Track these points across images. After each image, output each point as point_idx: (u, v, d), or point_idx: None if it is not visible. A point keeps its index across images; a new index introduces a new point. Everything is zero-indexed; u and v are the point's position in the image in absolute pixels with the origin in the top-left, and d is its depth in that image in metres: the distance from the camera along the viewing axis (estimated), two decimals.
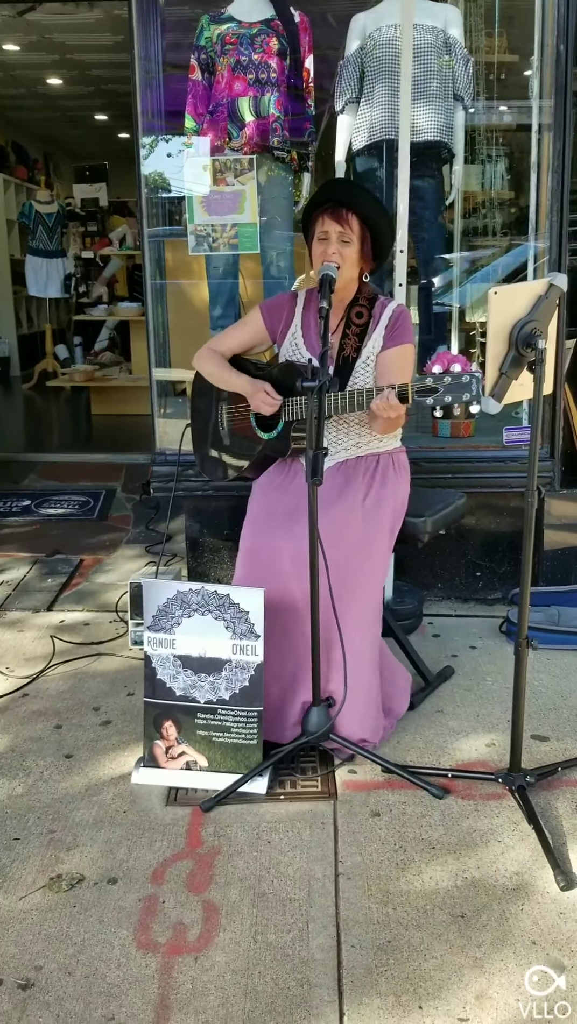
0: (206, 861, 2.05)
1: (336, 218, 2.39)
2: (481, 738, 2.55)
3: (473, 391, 2.10)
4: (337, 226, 2.39)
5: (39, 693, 2.84)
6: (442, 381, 2.13)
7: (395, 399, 2.23)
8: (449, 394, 2.13)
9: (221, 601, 2.30)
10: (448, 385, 2.12)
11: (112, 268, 8.66)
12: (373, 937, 1.83)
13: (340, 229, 2.39)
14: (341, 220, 2.38)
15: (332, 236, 2.40)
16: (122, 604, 3.40)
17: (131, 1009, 1.66)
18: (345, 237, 2.40)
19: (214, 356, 2.67)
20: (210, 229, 3.47)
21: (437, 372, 2.15)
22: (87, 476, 5.10)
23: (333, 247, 2.39)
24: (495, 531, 3.47)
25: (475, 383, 2.09)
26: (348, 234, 2.39)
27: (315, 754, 2.45)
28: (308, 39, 3.64)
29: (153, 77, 3.59)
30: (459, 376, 2.12)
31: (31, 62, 7.55)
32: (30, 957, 1.78)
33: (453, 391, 2.12)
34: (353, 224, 2.39)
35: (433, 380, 2.14)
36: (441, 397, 2.14)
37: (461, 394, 2.12)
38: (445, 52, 3.70)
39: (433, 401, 2.15)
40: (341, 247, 2.40)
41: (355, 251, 2.42)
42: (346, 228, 2.39)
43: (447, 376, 2.13)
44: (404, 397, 2.23)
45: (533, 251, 3.67)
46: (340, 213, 2.38)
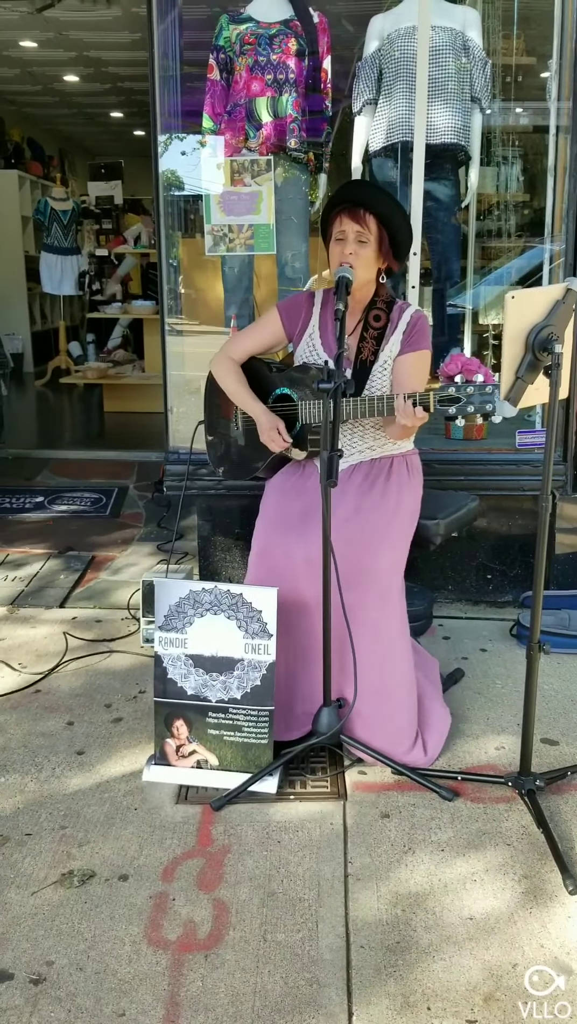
0: (216, 860, 2.06)
1: (353, 218, 2.39)
2: (491, 741, 2.55)
3: (495, 401, 2.09)
4: (355, 226, 2.39)
5: (51, 689, 2.85)
6: (465, 391, 2.12)
7: (421, 411, 2.22)
8: (471, 404, 2.12)
9: (234, 600, 2.31)
10: (471, 396, 2.11)
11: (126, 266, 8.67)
12: (382, 938, 1.84)
13: (358, 228, 2.39)
14: (358, 220, 2.38)
15: (349, 236, 2.40)
16: (134, 602, 3.42)
17: (142, 1005, 1.67)
18: (362, 237, 2.40)
19: (233, 369, 2.66)
20: (227, 229, 3.48)
21: (460, 381, 2.13)
22: (99, 473, 5.11)
23: (350, 247, 2.40)
24: (506, 534, 3.47)
25: (497, 393, 2.09)
26: (365, 234, 2.40)
27: (325, 754, 2.46)
28: (326, 40, 3.64)
29: (171, 75, 3.61)
30: (482, 386, 2.10)
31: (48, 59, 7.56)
32: (42, 952, 1.80)
33: (475, 401, 2.11)
34: (370, 224, 2.40)
35: (456, 390, 2.13)
36: (464, 407, 2.12)
37: (484, 404, 2.11)
38: (463, 54, 3.70)
39: (455, 411, 2.14)
40: (358, 247, 2.40)
41: (372, 251, 2.42)
42: (364, 228, 2.39)
43: (470, 386, 2.11)
44: (426, 406, 2.22)
45: (548, 253, 3.67)
46: (357, 213, 2.39)
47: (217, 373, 2.72)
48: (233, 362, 2.68)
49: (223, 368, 2.69)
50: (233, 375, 2.66)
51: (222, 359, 2.70)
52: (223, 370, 2.69)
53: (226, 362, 2.68)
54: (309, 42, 3.58)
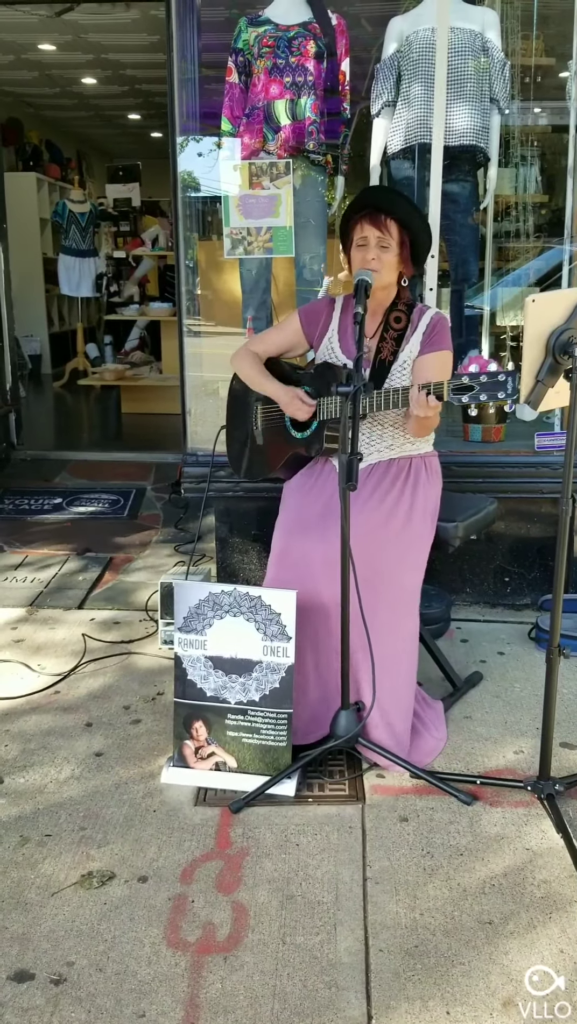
0: (235, 862, 2.07)
1: (375, 224, 2.39)
2: (510, 745, 2.55)
3: (508, 389, 2.10)
4: (376, 231, 2.40)
5: (70, 691, 2.87)
6: (478, 380, 2.14)
7: (434, 400, 2.24)
8: (485, 392, 2.13)
9: (253, 603, 2.32)
10: (484, 384, 2.13)
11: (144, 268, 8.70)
12: (401, 942, 1.83)
13: (379, 234, 2.40)
14: (380, 225, 2.39)
15: (371, 242, 2.41)
16: (152, 603, 3.43)
17: (161, 1007, 1.68)
18: (384, 242, 2.40)
19: (251, 358, 2.70)
20: (245, 232, 3.49)
21: (474, 371, 2.15)
22: (117, 475, 5.13)
23: (372, 252, 2.41)
24: (525, 537, 3.46)
25: (511, 381, 2.10)
26: (387, 239, 2.40)
27: (343, 757, 2.46)
28: (345, 42, 3.64)
29: (189, 78, 3.62)
30: (495, 375, 2.12)
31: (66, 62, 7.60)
32: (62, 953, 1.81)
33: (489, 389, 2.13)
34: (392, 229, 2.40)
35: (469, 379, 2.15)
36: (477, 395, 2.14)
37: (497, 392, 2.12)
38: (481, 55, 3.69)
39: (468, 399, 2.15)
40: (380, 252, 2.41)
41: (394, 256, 2.43)
42: (385, 233, 2.40)
43: (483, 375, 2.13)
44: (440, 395, 2.24)
45: (568, 254, 3.65)
46: (379, 219, 2.39)
47: (235, 362, 2.76)
48: (252, 353, 2.72)
49: (241, 357, 2.73)
50: (250, 362, 2.70)
51: (241, 351, 2.75)
52: (241, 358, 2.73)
53: (245, 352, 2.74)
54: (327, 44, 3.58)
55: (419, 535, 2.49)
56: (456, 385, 2.18)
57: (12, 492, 4.82)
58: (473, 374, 2.15)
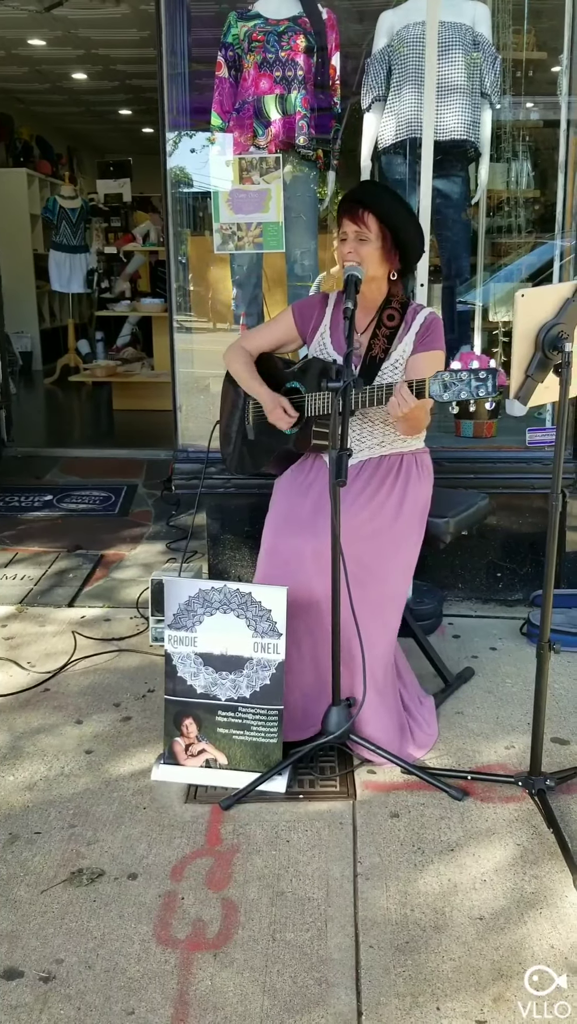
0: (225, 859, 2.06)
1: (353, 218, 2.40)
2: (501, 740, 2.55)
3: (489, 387, 2.09)
4: (353, 225, 2.40)
5: (60, 688, 2.86)
6: (458, 376, 2.13)
7: (406, 391, 2.23)
8: (465, 389, 2.12)
9: (243, 599, 2.31)
10: (464, 380, 2.12)
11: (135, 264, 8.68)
12: (391, 938, 1.83)
13: (356, 228, 2.40)
14: (357, 220, 2.40)
15: (349, 235, 2.42)
16: (143, 600, 3.42)
17: (151, 1004, 1.67)
18: (362, 236, 2.41)
19: (243, 356, 2.70)
20: (235, 228, 3.47)
21: (456, 367, 2.15)
22: (108, 471, 5.12)
23: (349, 246, 2.41)
24: (517, 532, 3.46)
25: (491, 378, 2.08)
26: (364, 232, 2.40)
27: (334, 754, 2.45)
28: (335, 36, 3.63)
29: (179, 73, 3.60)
30: (475, 371, 2.11)
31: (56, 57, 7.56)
32: (51, 950, 1.80)
33: (468, 386, 2.11)
34: (369, 222, 2.40)
35: (449, 375, 2.14)
36: (456, 392, 2.13)
37: (476, 389, 2.11)
38: (473, 49, 3.68)
39: (449, 396, 2.14)
40: (358, 245, 2.41)
41: (374, 249, 2.42)
42: (362, 227, 2.40)
43: (463, 372, 2.12)
44: (420, 392, 2.23)
45: (559, 250, 3.65)
46: (356, 212, 2.40)
47: (228, 359, 2.75)
48: (244, 351, 2.72)
49: (234, 354, 2.73)
50: (242, 360, 2.70)
51: (235, 347, 2.74)
52: (233, 355, 2.73)
53: (238, 350, 2.73)
54: (318, 39, 3.56)
55: (409, 531, 2.49)
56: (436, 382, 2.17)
57: (2, 489, 4.80)
58: (453, 371, 2.14)
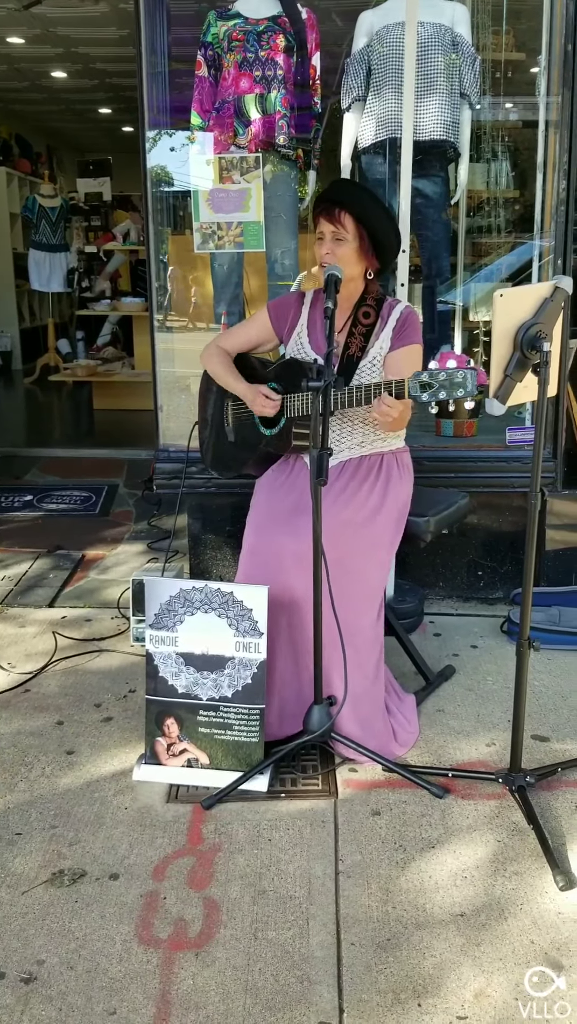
0: (207, 858, 2.06)
1: (329, 218, 2.41)
2: (481, 738, 2.56)
3: (468, 387, 2.10)
4: (330, 225, 2.41)
5: (41, 689, 2.84)
6: (437, 377, 2.13)
7: (389, 399, 2.24)
8: (443, 390, 2.12)
9: (224, 599, 2.31)
10: (442, 381, 2.13)
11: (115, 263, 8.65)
12: (373, 935, 1.84)
13: (333, 228, 2.41)
14: (334, 220, 2.40)
15: (326, 235, 2.43)
16: (124, 600, 3.41)
17: (132, 1004, 1.67)
18: (339, 236, 2.41)
19: (220, 354, 2.69)
20: (215, 227, 3.47)
21: (433, 367, 2.15)
22: (89, 471, 5.10)
23: (327, 246, 2.42)
24: (497, 531, 3.48)
25: (470, 379, 2.09)
26: (341, 232, 2.41)
27: (316, 752, 2.46)
28: (315, 36, 3.63)
29: (159, 72, 3.59)
30: (454, 372, 2.12)
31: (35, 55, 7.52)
32: (32, 951, 1.79)
33: (448, 387, 2.12)
34: (346, 222, 2.41)
35: (428, 376, 2.15)
36: (436, 393, 2.13)
37: (455, 390, 2.11)
38: (452, 50, 3.69)
39: (428, 397, 2.15)
40: (335, 246, 2.42)
41: (351, 249, 2.43)
42: (339, 227, 2.40)
43: (442, 373, 2.13)
44: (400, 393, 2.23)
45: (538, 250, 3.67)
46: (333, 213, 2.40)
47: (205, 359, 2.74)
48: (222, 350, 2.71)
49: (210, 354, 2.72)
50: (218, 359, 2.69)
51: (211, 347, 2.73)
52: (210, 355, 2.72)
53: (215, 349, 2.72)
54: (297, 38, 3.56)
55: (388, 531, 2.49)
56: (414, 383, 2.17)
57: None
58: (432, 371, 2.15)
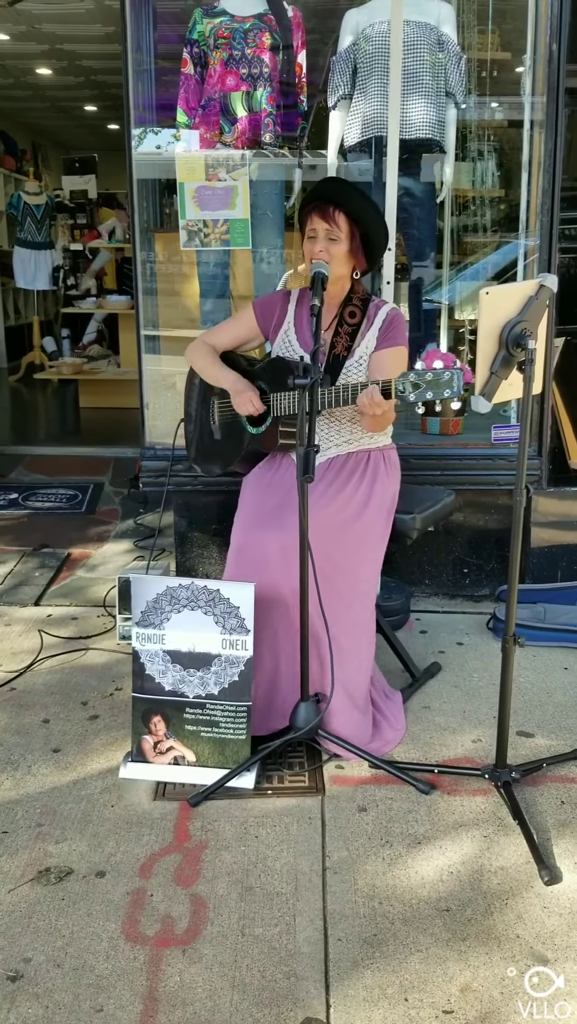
0: (194, 855, 2.06)
1: (323, 216, 2.40)
2: (467, 734, 2.57)
3: (455, 387, 2.10)
4: (324, 224, 2.40)
5: (27, 687, 2.84)
6: (423, 377, 2.14)
7: (378, 395, 2.24)
8: (430, 390, 2.13)
9: (211, 596, 2.31)
10: (429, 381, 2.13)
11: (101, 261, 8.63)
12: (359, 931, 1.84)
13: (327, 227, 2.40)
14: (328, 218, 2.40)
15: (320, 234, 2.42)
16: (110, 598, 3.40)
17: (120, 1001, 1.67)
18: (332, 235, 2.41)
19: (205, 349, 2.69)
20: (201, 224, 3.47)
21: (420, 368, 2.16)
22: (75, 469, 5.08)
23: (320, 245, 2.41)
24: (483, 528, 3.49)
25: (456, 379, 2.10)
26: (335, 231, 2.41)
27: (303, 749, 2.46)
28: (301, 34, 3.63)
29: (144, 69, 3.58)
30: (440, 372, 2.12)
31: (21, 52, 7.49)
32: (19, 949, 1.79)
33: (434, 387, 2.13)
34: (340, 222, 2.41)
35: (415, 376, 2.15)
36: (422, 393, 2.14)
37: (442, 390, 2.12)
38: (437, 49, 3.70)
39: (415, 397, 2.16)
40: (328, 244, 2.41)
41: (344, 249, 2.43)
42: (333, 226, 2.40)
43: (429, 372, 2.14)
44: (387, 393, 2.24)
45: (524, 249, 3.68)
46: (327, 211, 2.40)
47: (190, 355, 2.74)
48: (207, 345, 2.70)
49: (195, 349, 2.71)
50: (203, 354, 2.68)
51: (196, 343, 2.73)
52: (195, 350, 2.71)
53: (200, 344, 2.71)
54: (283, 36, 3.56)
55: (376, 527, 2.50)
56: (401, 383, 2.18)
57: None
58: (419, 371, 2.15)
